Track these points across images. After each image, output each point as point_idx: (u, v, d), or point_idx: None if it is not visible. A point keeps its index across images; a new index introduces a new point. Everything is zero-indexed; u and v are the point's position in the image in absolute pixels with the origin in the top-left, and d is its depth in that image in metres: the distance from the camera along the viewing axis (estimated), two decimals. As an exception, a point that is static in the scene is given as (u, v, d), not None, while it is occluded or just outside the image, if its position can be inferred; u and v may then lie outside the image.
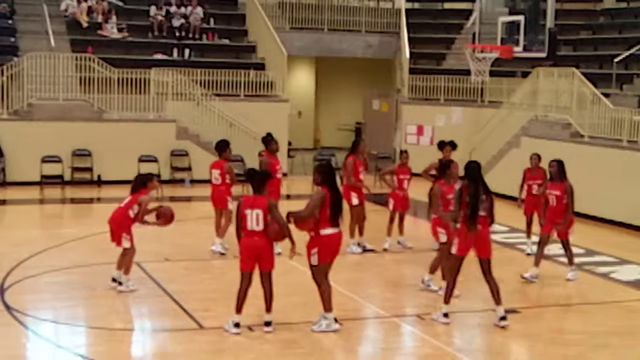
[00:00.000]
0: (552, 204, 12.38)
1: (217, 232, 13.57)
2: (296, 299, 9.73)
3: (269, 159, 13.27)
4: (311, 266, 9.65)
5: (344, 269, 12.84)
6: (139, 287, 11.28)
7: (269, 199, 9.67)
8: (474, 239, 10.02)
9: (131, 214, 11.07)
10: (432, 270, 11.67)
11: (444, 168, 11.72)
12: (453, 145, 14.42)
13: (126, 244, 11.12)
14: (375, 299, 11.56)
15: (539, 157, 14.30)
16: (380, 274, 13.14)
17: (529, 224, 14.45)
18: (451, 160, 12.78)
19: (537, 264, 12.52)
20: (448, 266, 10.36)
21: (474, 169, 10.21)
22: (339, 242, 9.72)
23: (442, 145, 14.47)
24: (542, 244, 12.53)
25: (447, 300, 10.22)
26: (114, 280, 11.26)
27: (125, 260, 11.17)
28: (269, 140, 13.63)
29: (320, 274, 9.64)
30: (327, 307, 9.69)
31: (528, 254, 14.11)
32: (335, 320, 9.75)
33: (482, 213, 9.99)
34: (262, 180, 9.76)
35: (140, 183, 11.29)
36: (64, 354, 9.09)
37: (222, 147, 13.56)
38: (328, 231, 9.56)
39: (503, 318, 10.13)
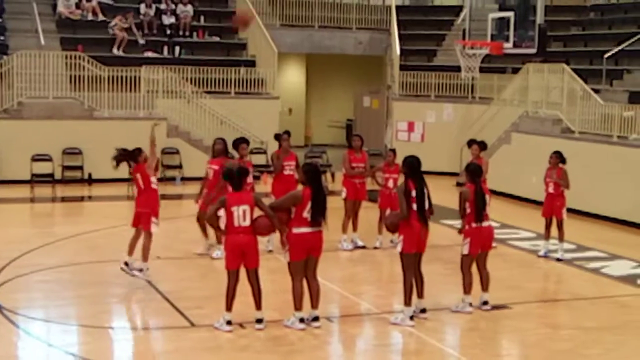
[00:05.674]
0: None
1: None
2: (288, 296, 9.70)
3: (279, 155, 13.59)
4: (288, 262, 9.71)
5: (336, 265, 12.86)
6: (130, 285, 11.25)
7: (253, 194, 9.79)
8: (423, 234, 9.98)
9: (154, 186, 11.39)
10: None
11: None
12: (482, 145, 14.19)
13: (154, 227, 11.28)
14: (366, 296, 11.55)
15: (558, 156, 13.60)
16: (371, 270, 13.13)
17: (548, 226, 13.76)
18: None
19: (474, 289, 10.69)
20: (404, 265, 10.01)
21: (414, 164, 10.09)
22: (314, 242, 9.58)
23: (470, 143, 14.38)
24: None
25: (407, 302, 10.01)
26: (126, 264, 11.30)
27: (145, 246, 11.27)
28: (279, 137, 13.99)
29: (292, 271, 9.65)
30: (296, 305, 9.65)
31: (558, 259, 13.55)
32: (302, 320, 9.67)
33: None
34: (240, 177, 9.72)
35: (134, 160, 11.62)
36: (56, 353, 9.06)
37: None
38: (300, 230, 9.52)
39: (424, 311, 10.18)
